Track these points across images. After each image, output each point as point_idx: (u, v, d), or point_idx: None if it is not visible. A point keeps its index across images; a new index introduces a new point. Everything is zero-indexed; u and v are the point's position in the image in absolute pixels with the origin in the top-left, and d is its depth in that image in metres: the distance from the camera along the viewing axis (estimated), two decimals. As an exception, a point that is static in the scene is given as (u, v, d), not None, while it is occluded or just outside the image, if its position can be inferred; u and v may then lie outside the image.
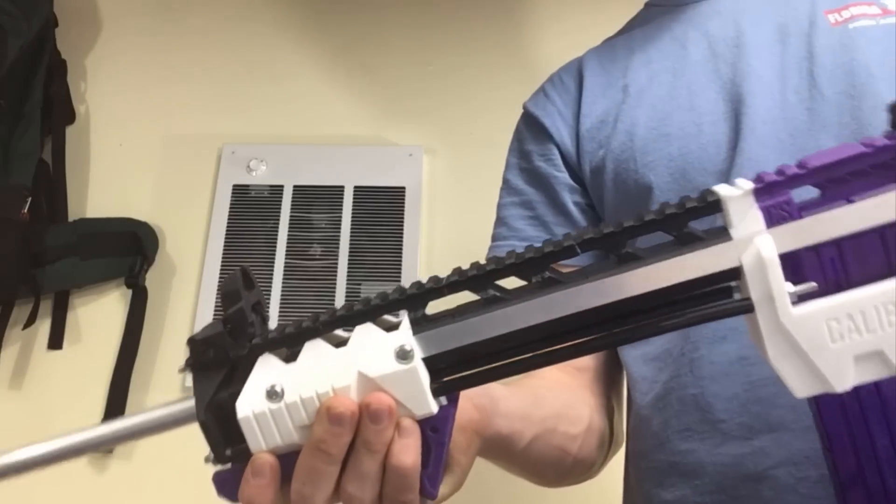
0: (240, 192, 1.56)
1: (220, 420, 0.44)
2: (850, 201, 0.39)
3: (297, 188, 1.56)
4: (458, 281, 0.42)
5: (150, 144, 1.63)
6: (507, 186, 0.85)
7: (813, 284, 0.39)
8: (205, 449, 0.42)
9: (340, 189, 1.56)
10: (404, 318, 0.43)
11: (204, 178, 1.59)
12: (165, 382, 1.44)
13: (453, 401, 0.45)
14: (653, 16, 0.82)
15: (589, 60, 0.83)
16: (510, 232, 0.82)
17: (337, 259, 1.50)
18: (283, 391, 0.43)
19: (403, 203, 1.54)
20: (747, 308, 0.40)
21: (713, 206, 0.40)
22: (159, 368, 1.45)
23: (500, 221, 0.84)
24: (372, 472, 0.44)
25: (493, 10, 1.72)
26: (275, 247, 1.51)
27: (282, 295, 1.47)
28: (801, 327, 0.39)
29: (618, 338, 0.42)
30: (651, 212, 0.40)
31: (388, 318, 0.44)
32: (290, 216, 1.54)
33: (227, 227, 1.54)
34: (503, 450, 0.62)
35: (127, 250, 1.50)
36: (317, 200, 1.55)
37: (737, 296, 0.41)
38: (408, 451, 0.43)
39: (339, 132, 1.63)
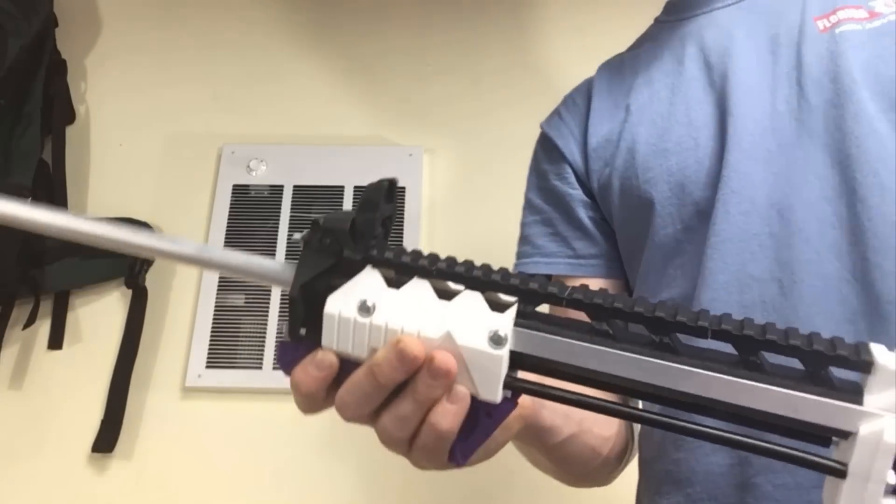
0: (240, 192, 1.56)
1: (308, 302, 0.45)
2: None
3: (297, 188, 1.56)
4: (581, 301, 0.42)
5: (150, 144, 1.63)
6: (528, 205, 0.88)
7: None
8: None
9: (340, 189, 1.56)
10: (513, 307, 0.43)
11: (204, 178, 1.59)
12: (165, 382, 1.44)
13: (516, 401, 0.46)
14: (658, 32, 0.84)
15: (598, 82, 0.85)
16: (534, 250, 0.85)
17: (337, 259, 1.50)
18: (373, 310, 0.44)
19: (403, 203, 1.54)
20: (839, 473, 0.38)
21: (863, 365, 0.38)
22: (159, 368, 1.45)
23: (524, 240, 0.87)
24: (409, 417, 0.46)
25: (494, 10, 1.72)
26: (275, 247, 1.51)
27: (282, 295, 1.47)
28: None
29: (696, 432, 0.41)
30: (798, 337, 0.39)
31: (502, 297, 0.45)
32: (290, 216, 1.54)
33: (227, 227, 1.54)
34: (540, 440, 0.64)
35: (127, 250, 1.50)
36: (317, 200, 1.55)
37: (833, 450, 0.39)
38: (447, 416, 0.45)
39: (339, 132, 1.63)
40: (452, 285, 0.45)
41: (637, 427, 0.78)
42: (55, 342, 1.46)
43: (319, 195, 1.56)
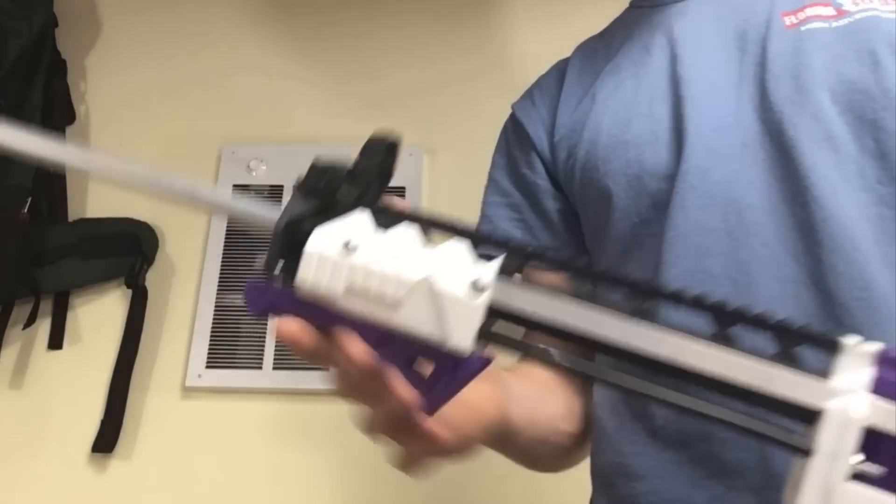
0: (240, 192, 1.56)
1: (290, 241, 0.44)
2: None
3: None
4: (562, 261, 0.43)
5: (150, 144, 1.63)
6: (493, 185, 0.86)
7: (883, 470, 0.37)
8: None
9: (340, 189, 1.56)
10: (497, 259, 0.43)
11: (204, 178, 1.59)
12: (165, 382, 1.44)
13: (487, 361, 0.45)
14: (630, 18, 0.83)
15: (571, 67, 0.84)
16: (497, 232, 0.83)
17: (337, 259, 1.49)
18: (356, 249, 0.43)
19: (403, 203, 1.54)
20: (804, 451, 0.38)
21: (831, 344, 0.39)
22: (159, 368, 1.45)
23: (486, 219, 0.85)
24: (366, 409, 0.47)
25: (494, 10, 1.72)
26: (275, 247, 1.51)
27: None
28: (843, 501, 0.37)
29: (670, 402, 0.41)
30: (767, 312, 0.40)
31: (487, 253, 0.45)
32: (290, 216, 1.54)
33: (227, 227, 1.53)
34: (507, 439, 0.66)
35: (127, 250, 1.50)
36: (317, 200, 1.55)
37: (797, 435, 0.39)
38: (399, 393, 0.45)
39: (339, 132, 1.62)
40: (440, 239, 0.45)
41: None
42: (55, 342, 1.46)
43: (319, 195, 1.56)
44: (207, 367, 1.42)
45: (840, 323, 0.59)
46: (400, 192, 1.55)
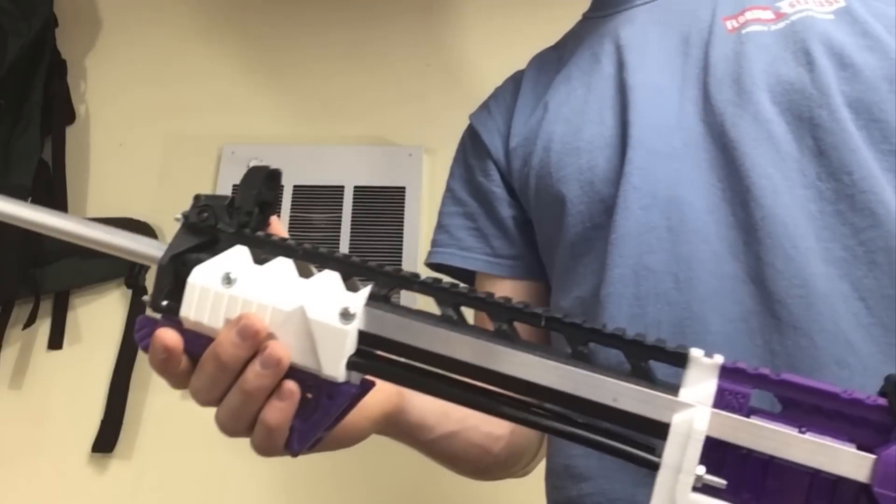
0: (240, 192, 1.56)
1: (176, 275, 0.47)
2: (801, 431, 0.38)
3: (297, 188, 1.56)
4: (428, 285, 0.44)
5: (150, 144, 1.63)
6: (451, 195, 0.87)
7: (723, 483, 0.38)
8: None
9: (340, 189, 1.56)
10: (366, 288, 0.45)
11: (204, 178, 1.59)
12: (165, 382, 1.44)
13: (365, 388, 0.46)
14: (581, 29, 0.84)
15: (527, 76, 0.85)
16: (452, 240, 0.85)
17: (337, 259, 1.50)
18: (235, 282, 0.45)
19: (403, 203, 1.54)
20: (652, 465, 0.39)
21: (679, 357, 0.40)
22: (159, 368, 1.45)
23: (442, 228, 0.87)
24: (239, 409, 0.47)
25: (494, 10, 1.72)
26: (275, 247, 1.51)
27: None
28: None
29: (525, 418, 0.43)
30: (619, 330, 0.41)
31: (359, 282, 0.46)
32: (290, 216, 1.54)
33: (227, 227, 1.53)
34: (409, 436, 0.67)
35: (127, 250, 1.50)
36: (317, 200, 1.55)
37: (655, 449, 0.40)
38: (275, 412, 0.45)
39: (339, 132, 1.63)
40: (316, 268, 0.46)
41: None
42: (55, 342, 1.46)
43: (319, 195, 1.56)
44: (207, 367, 1.42)
45: (779, 319, 0.60)
46: (400, 191, 1.55)
